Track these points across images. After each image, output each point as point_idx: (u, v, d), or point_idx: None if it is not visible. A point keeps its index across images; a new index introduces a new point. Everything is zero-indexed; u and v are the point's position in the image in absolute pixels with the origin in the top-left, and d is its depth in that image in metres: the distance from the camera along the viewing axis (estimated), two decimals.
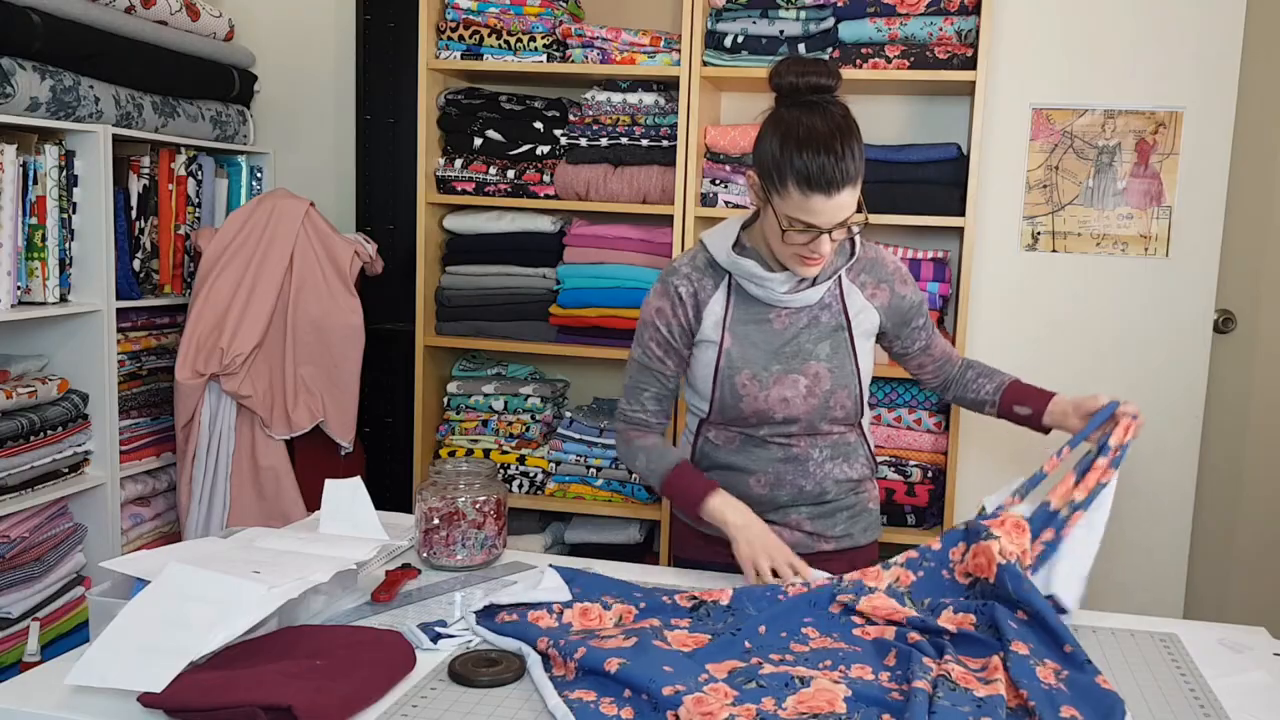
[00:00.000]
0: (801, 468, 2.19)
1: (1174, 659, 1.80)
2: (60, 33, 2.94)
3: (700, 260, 2.18)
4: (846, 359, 2.15)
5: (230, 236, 3.35)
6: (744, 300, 2.15)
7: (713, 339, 2.15)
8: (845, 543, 2.26)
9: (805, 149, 1.93)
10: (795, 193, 1.94)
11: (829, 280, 2.13)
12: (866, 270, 2.19)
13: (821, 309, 2.15)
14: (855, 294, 2.18)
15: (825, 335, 2.15)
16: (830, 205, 1.94)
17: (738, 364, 2.13)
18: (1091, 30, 3.32)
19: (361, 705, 1.50)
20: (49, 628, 3.06)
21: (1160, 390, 3.38)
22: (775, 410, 2.14)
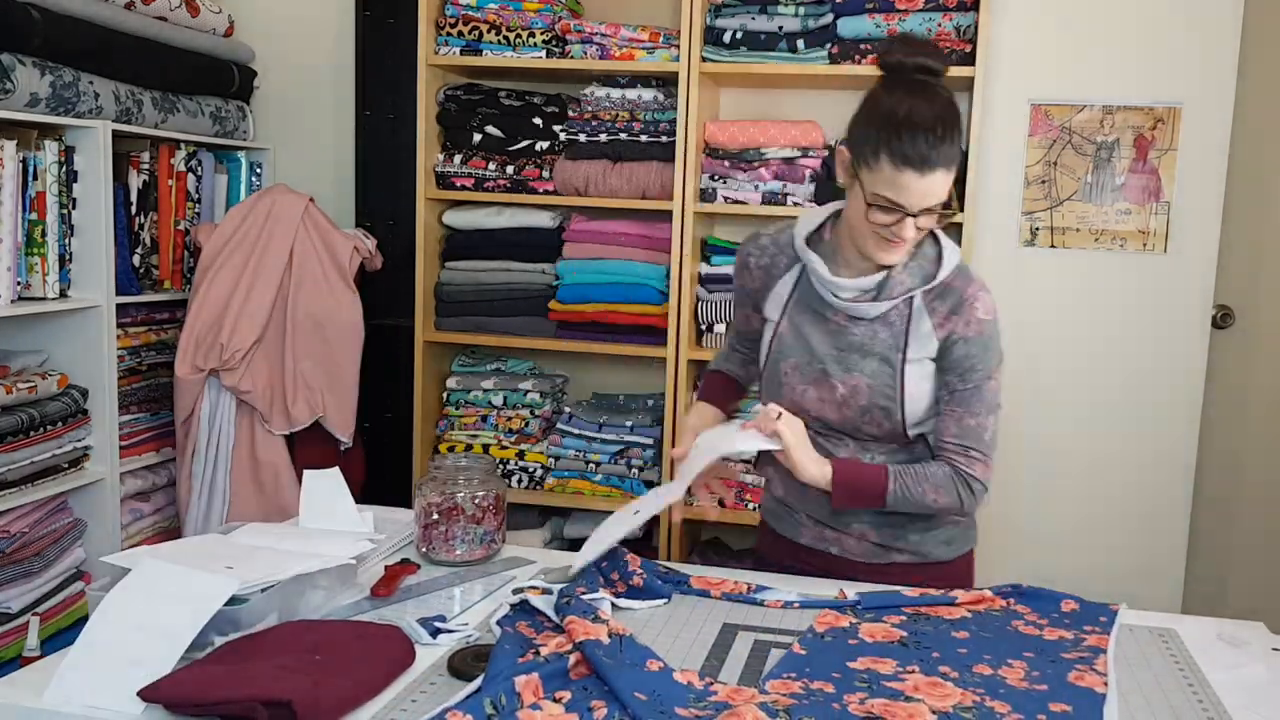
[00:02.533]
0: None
1: (1172, 654, 1.80)
2: (60, 28, 2.94)
3: (785, 236, 2.11)
4: (891, 383, 2.00)
5: (230, 232, 3.35)
6: (810, 289, 2.06)
7: (772, 318, 2.11)
8: (922, 555, 2.11)
9: (905, 124, 1.84)
10: (887, 167, 1.85)
11: (895, 300, 1.98)
12: (942, 296, 2.00)
13: (884, 325, 2.01)
14: (924, 320, 2.00)
15: (877, 352, 2.01)
16: (921, 185, 1.84)
17: (787, 350, 2.08)
18: (1090, 26, 3.33)
19: (361, 700, 1.50)
20: (49, 623, 3.07)
21: (1159, 385, 3.38)
22: (809, 407, 2.06)
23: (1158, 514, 3.42)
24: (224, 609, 1.61)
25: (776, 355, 2.09)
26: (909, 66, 1.91)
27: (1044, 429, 3.44)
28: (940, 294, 2.00)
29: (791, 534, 2.18)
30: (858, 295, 1.99)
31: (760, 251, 2.13)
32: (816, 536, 2.14)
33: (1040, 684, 1.60)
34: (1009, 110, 3.39)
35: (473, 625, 1.79)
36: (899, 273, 1.98)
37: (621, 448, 3.50)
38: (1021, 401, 3.45)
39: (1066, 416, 3.43)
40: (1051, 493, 3.46)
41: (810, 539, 2.15)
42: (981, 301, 1.99)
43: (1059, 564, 3.47)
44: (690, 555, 3.57)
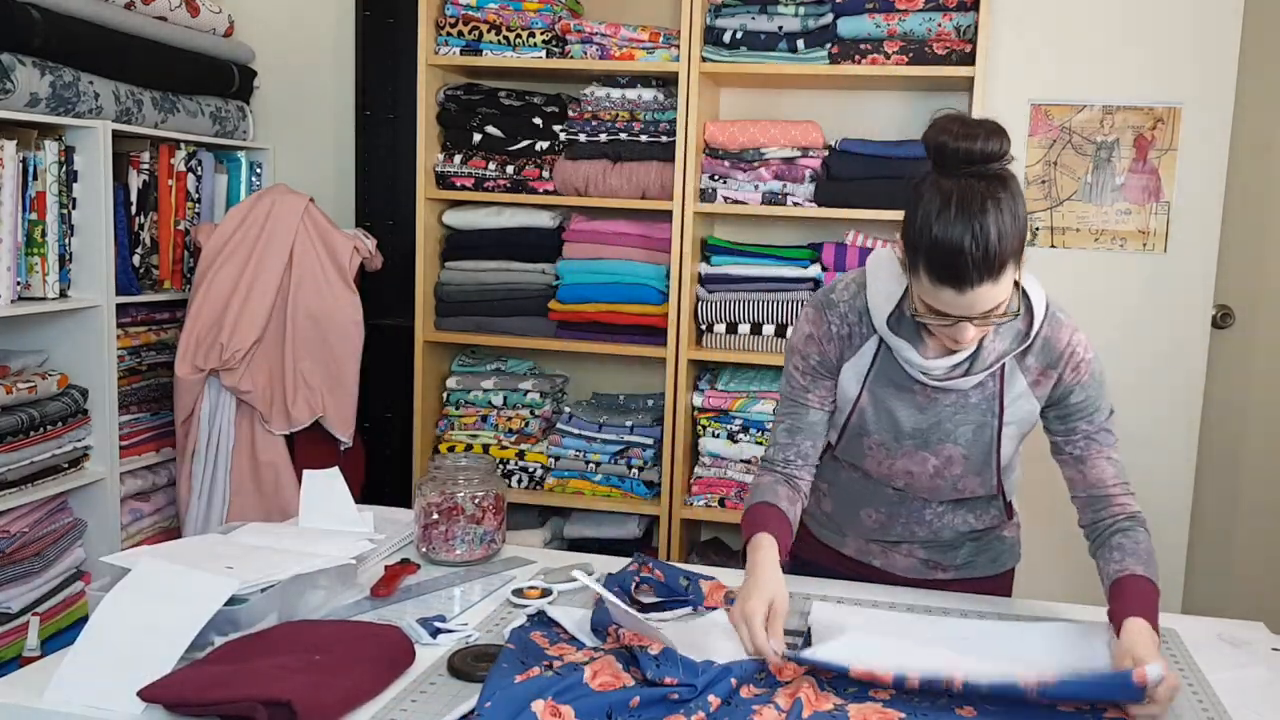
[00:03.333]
0: (917, 515, 2.03)
1: (1172, 654, 1.80)
2: (60, 29, 2.94)
3: (860, 302, 1.90)
4: (988, 450, 1.90)
5: (230, 232, 3.35)
6: (892, 362, 1.89)
7: (850, 392, 1.93)
8: (967, 572, 2.10)
9: (940, 232, 1.62)
10: (925, 279, 1.67)
11: (991, 369, 1.84)
12: (1037, 353, 1.86)
13: (976, 388, 1.87)
14: (1018, 379, 1.87)
15: (971, 418, 1.88)
16: (963, 301, 1.65)
17: (870, 428, 1.93)
18: (1090, 26, 3.33)
19: (360, 700, 1.50)
20: (49, 623, 3.06)
21: (1158, 386, 3.38)
22: (897, 479, 1.98)
23: (1158, 514, 3.39)
24: (224, 609, 1.61)
25: (858, 430, 1.95)
26: (956, 153, 1.66)
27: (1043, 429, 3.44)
28: (1035, 349, 1.86)
29: (835, 544, 2.16)
30: (949, 372, 1.84)
31: (840, 320, 1.91)
32: (861, 549, 2.13)
33: None
34: (1009, 110, 3.38)
35: (472, 625, 1.79)
36: (990, 342, 1.82)
37: (622, 448, 3.51)
38: None
39: None
40: (1051, 492, 3.45)
41: (854, 550, 2.14)
42: (1079, 341, 1.85)
43: (1058, 564, 3.46)
44: (690, 555, 3.57)
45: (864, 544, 2.12)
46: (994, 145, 1.64)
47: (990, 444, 1.90)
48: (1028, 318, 1.83)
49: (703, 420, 3.47)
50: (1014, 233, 1.63)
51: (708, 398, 3.43)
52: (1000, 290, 1.66)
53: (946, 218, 1.62)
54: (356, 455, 3.59)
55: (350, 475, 3.65)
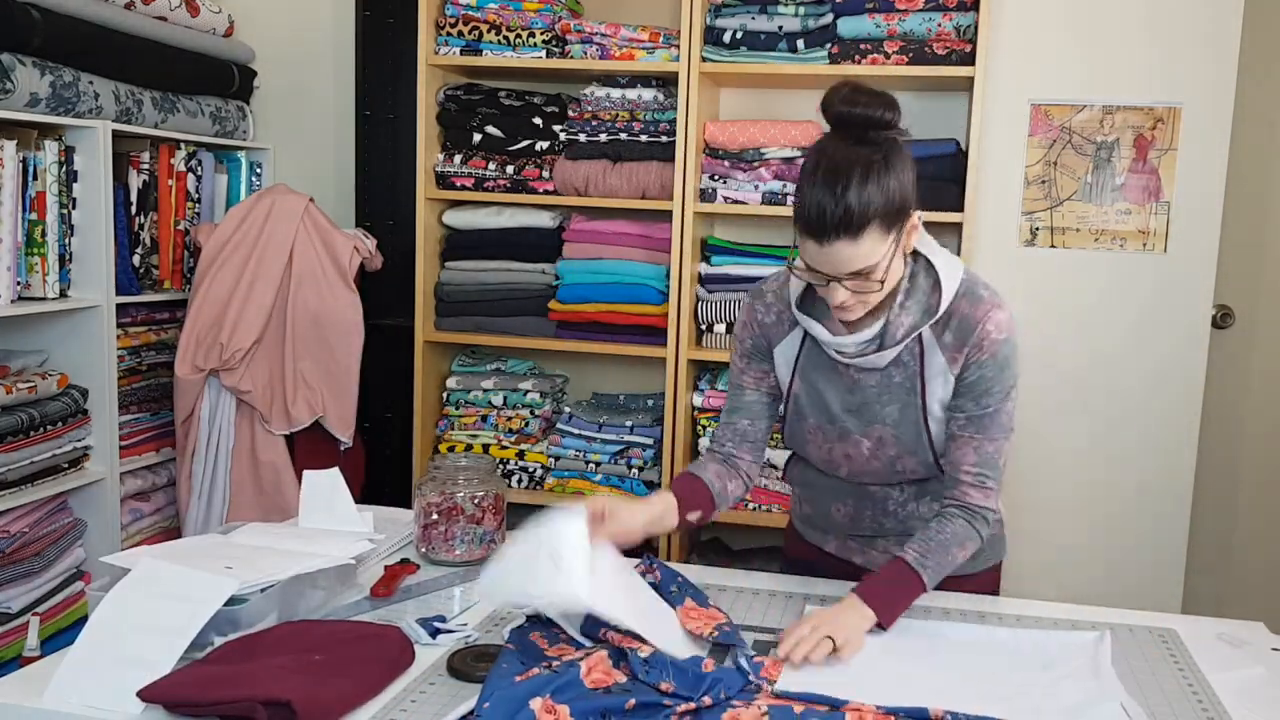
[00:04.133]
0: (880, 506, 2.04)
1: (1172, 654, 1.80)
2: (60, 29, 2.94)
3: (787, 291, 1.97)
4: (916, 426, 1.91)
5: (230, 232, 3.35)
6: (817, 346, 1.95)
7: (784, 378, 2.00)
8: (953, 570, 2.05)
9: (807, 185, 1.73)
10: (798, 232, 1.75)
11: (900, 345, 1.86)
12: (955, 330, 1.87)
13: (897, 367, 1.89)
14: (936, 357, 1.88)
15: (895, 397, 1.91)
16: (824, 255, 1.73)
17: (805, 412, 1.99)
18: (1090, 26, 3.32)
19: (360, 700, 1.50)
20: (49, 623, 3.07)
21: (1158, 385, 3.38)
22: (839, 464, 2.01)
23: (1157, 514, 3.42)
24: (223, 609, 1.61)
25: (795, 415, 2.01)
26: (846, 118, 1.78)
27: (1044, 429, 3.44)
28: (947, 324, 1.87)
29: (819, 542, 2.17)
30: (862, 348, 1.87)
31: (766, 309, 2.00)
32: (841, 547, 2.14)
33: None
34: (1009, 110, 3.39)
35: (472, 625, 1.79)
36: (896, 315, 1.85)
37: (621, 448, 3.50)
38: (1021, 402, 3.44)
39: (1066, 416, 3.43)
40: (1051, 493, 3.46)
41: (836, 548, 2.15)
42: (994, 320, 1.85)
43: (1059, 563, 3.46)
44: (690, 555, 3.57)
45: (843, 542, 2.13)
46: (875, 112, 1.75)
47: (917, 422, 1.91)
48: (936, 294, 1.85)
49: (703, 420, 3.47)
50: (879, 198, 1.70)
51: (708, 398, 3.43)
52: (863, 252, 1.72)
53: (815, 172, 1.73)
54: (356, 455, 3.59)
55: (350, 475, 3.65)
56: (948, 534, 1.86)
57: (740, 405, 2.06)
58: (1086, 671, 1.68)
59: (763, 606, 1.95)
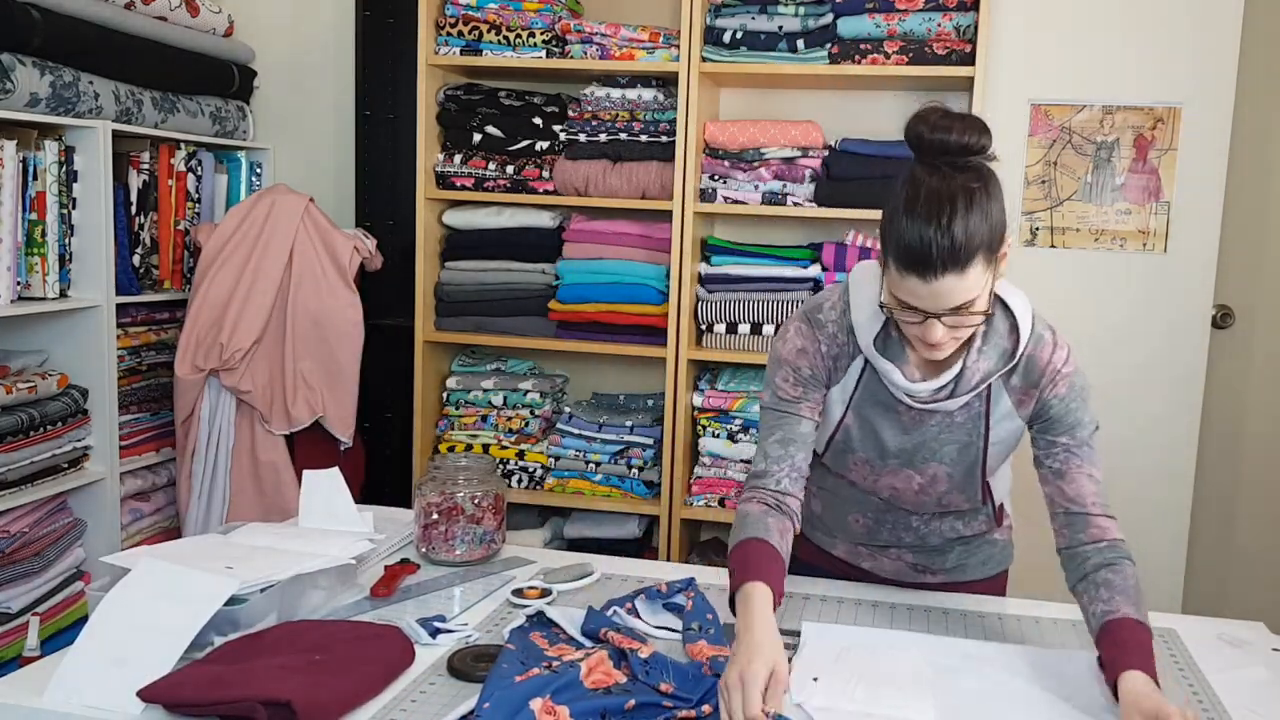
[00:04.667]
0: (903, 523, 2.02)
1: (1173, 654, 1.80)
2: (60, 29, 2.94)
3: (847, 322, 1.86)
4: (973, 470, 1.88)
5: (230, 232, 3.35)
6: (877, 382, 1.86)
7: (835, 412, 1.90)
8: (957, 575, 2.08)
9: (908, 220, 1.62)
10: (894, 268, 1.65)
11: (973, 392, 1.80)
12: (1023, 373, 1.82)
13: (961, 410, 1.84)
14: (1003, 399, 1.83)
15: (956, 438, 1.86)
16: (928, 291, 1.62)
17: (855, 446, 1.91)
18: (1090, 26, 3.33)
19: (360, 700, 1.50)
20: (48, 623, 3.07)
21: (1158, 385, 3.38)
22: (881, 493, 1.97)
23: (1158, 513, 3.42)
24: (223, 609, 1.61)
25: (843, 447, 1.93)
26: (932, 145, 1.65)
27: None
28: (1019, 369, 1.82)
29: (826, 545, 2.15)
30: (934, 394, 1.80)
31: (830, 340, 1.88)
32: (850, 551, 2.12)
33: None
34: (1009, 110, 3.39)
35: (472, 625, 1.79)
36: (974, 361, 1.78)
37: (622, 448, 3.50)
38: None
39: None
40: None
41: (844, 553, 2.13)
42: (1059, 359, 1.81)
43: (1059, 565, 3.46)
44: (690, 555, 3.57)
45: (853, 547, 2.11)
46: (971, 139, 1.63)
47: (975, 462, 1.87)
48: (1013, 336, 1.80)
49: (703, 420, 3.47)
50: (984, 227, 1.61)
51: (708, 398, 3.43)
52: (967, 285, 1.62)
53: (915, 205, 1.61)
54: (356, 455, 3.59)
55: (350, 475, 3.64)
56: (1132, 580, 1.73)
57: (795, 437, 1.89)
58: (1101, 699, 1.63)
59: None
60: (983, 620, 1.92)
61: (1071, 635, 1.88)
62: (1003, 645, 1.81)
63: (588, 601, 1.87)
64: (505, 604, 1.90)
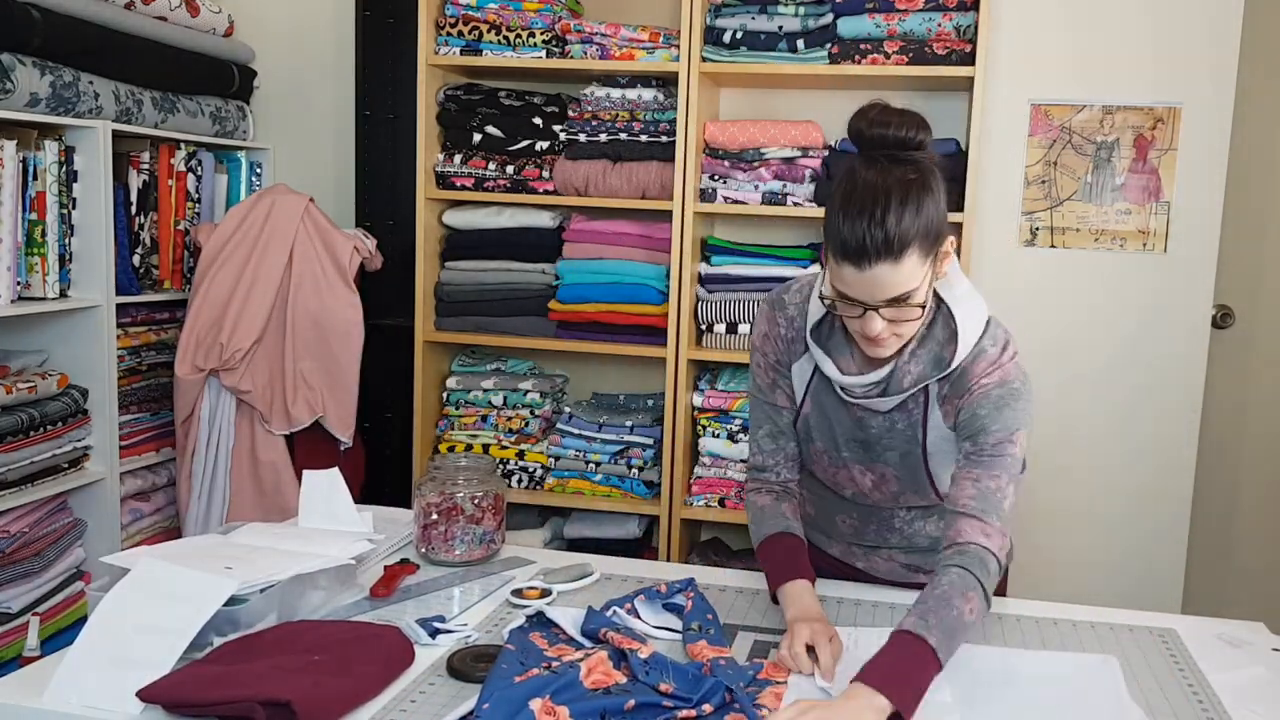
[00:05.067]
0: (886, 523, 2.03)
1: (1172, 654, 1.80)
2: (60, 29, 2.94)
3: (806, 307, 1.92)
4: (917, 473, 1.89)
5: (230, 232, 3.35)
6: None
7: (797, 395, 1.94)
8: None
9: (844, 209, 1.65)
10: (832, 258, 1.69)
11: (904, 394, 1.81)
12: (952, 383, 1.81)
13: (902, 414, 1.85)
14: (935, 409, 1.84)
15: (897, 443, 1.87)
16: (863, 280, 1.65)
17: (813, 434, 1.94)
18: (1090, 26, 3.32)
19: (360, 700, 1.50)
20: (48, 623, 3.06)
21: (1158, 386, 3.38)
22: (844, 487, 1.99)
23: (1158, 514, 3.42)
24: (223, 609, 1.61)
25: (804, 435, 1.96)
26: (871, 139, 1.70)
27: (1044, 429, 3.44)
28: (954, 377, 1.81)
29: (820, 544, 2.16)
30: (865, 391, 1.82)
31: (788, 323, 1.93)
32: (844, 551, 2.13)
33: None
34: (1009, 110, 3.38)
35: (472, 626, 1.79)
36: (904, 363, 1.80)
37: (622, 448, 3.50)
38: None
39: (1066, 417, 3.43)
40: (1052, 493, 3.46)
41: (839, 553, 2.14)
42: (989, 375, 1.78)
43: (1059, 563, 3.46)
44: (690, 555, 3.57)
45: (846, 547, 2.12)
46: (909, 133, 1.67)
47: (917, 468, 1.88)
48: (951, 346, 1.79)
49: (703, 420, 3.47)
50: (919, 220, 1.64)
51: (708, 398, 3.43)
52: (902, 276, 1.65)
53: (852, 197, 1.65)
54: (356, 455, 3.59)
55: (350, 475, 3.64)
56: (943, 586, 1.67)
57: (782, 427, 1.97)
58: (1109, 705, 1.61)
59: (763, 606, 1.95)
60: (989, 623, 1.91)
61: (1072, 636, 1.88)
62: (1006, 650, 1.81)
63: (587, 602, 1.87)
64: (505, 604, 1.90)
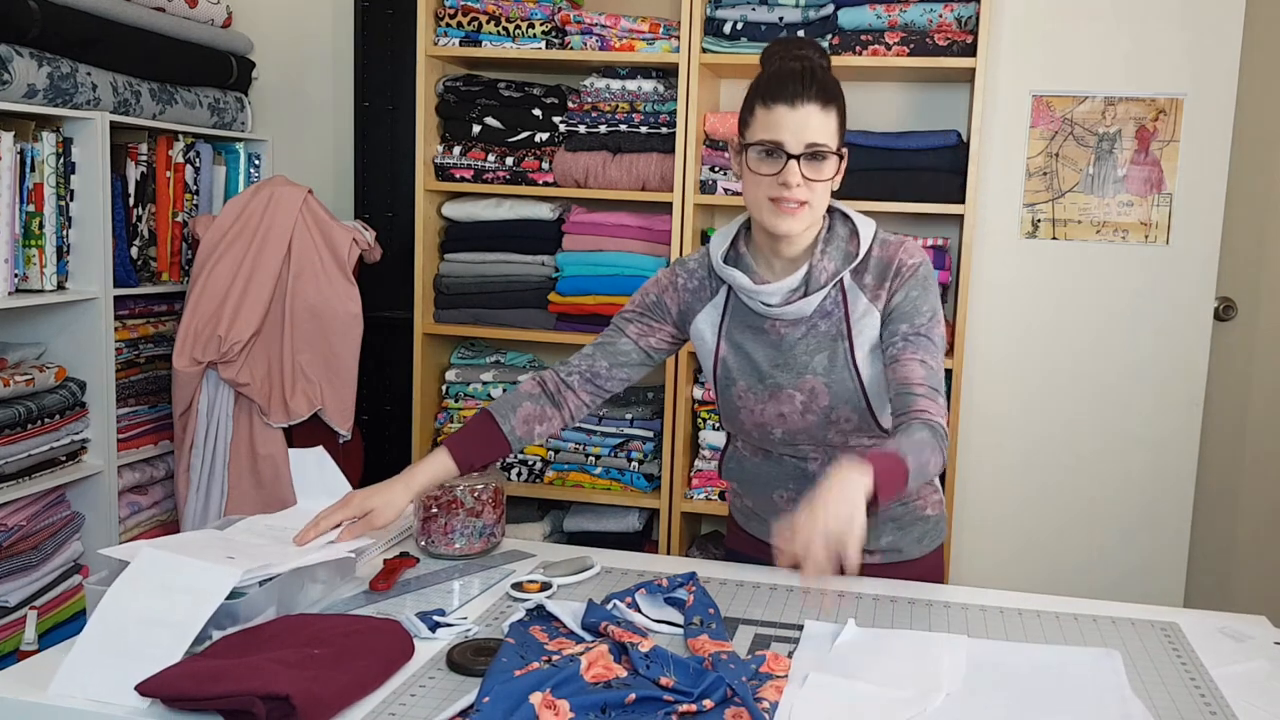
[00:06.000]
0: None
1: (1175, 648, 1.79)
2: (58, 19, 2.92)
3: (707, 261, 2.06)
4: (845, 373, 1.95)
5: (228, 224, 3.34)
6: (741, 306, 2.01)
7: (709, 343, 2.05)
8: (894, 556, 2.10)
9: (773, 74, 1.88)
10: (760, 112, 1.87)
11: (825, 289, 1.94)
12: (874, 270, 1.96)
13: (821, 316, 1.96)
14: (859, 297, 1.95)
15: (823, 346, 1.96)
16: (794, 118, 1.83)
17: (734, 375, 2.02)
18: (1092, 17, 3.31)
19: (359, 694, 1.49)
20: (46, 616, 3.06)
21: (1161, 378, 3.37)
22: (773, 425, 2.01)
23: (1160, 507, 3.41)
24: (223, 602, 1.60)
25: (725, 382, 2.04)
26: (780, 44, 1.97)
27: (1045, 422, 3.44)
28: (872, 268, 1.96)
29: (762, 534, 2.16)
30: (787, 297, 1.94)
31: (689, 275, 2.07)
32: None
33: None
34: (1010, 102, 3.37)
35: (472, 619, 1.79)
36: (819, 261, 1.94)
37: (621, 440, 3.50)
38: (1023, 393, 3.44)
39: (1068, 409, 3.43)
40: (1053, 486, 3.46)
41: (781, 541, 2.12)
42: (906, 250, 1.96)
43: (1061, 558, 3.46)
44: (690, 549, 3.56)
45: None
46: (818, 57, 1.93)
47: (847, 368, 1.95)
48: (854, 241, 1.96)
49: (703, 413, 3.46)
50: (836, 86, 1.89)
51: (708, 390, 3.43)
52: (826, 125, 1.85)
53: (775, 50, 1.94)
54: (355, 448, 3.58)
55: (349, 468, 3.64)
56: (917, 437, 1.78)
57: (610, 348, 2.12)
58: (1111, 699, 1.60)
59: (764, 599, 1.94)
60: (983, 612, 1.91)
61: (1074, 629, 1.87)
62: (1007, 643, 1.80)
63: (588, 595, 1.86)
64: (505, 598, 1.90)
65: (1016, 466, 3.45)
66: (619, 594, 1.85)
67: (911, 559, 2.12)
